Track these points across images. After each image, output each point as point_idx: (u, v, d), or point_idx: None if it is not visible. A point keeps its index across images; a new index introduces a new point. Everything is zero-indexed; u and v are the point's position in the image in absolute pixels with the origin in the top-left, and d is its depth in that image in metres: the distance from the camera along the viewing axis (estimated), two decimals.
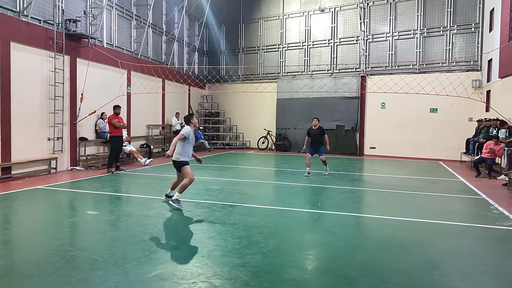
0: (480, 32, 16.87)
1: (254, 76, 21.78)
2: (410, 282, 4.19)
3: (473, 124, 16.20)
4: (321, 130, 12.10)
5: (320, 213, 7.33)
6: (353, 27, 19.41)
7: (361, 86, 18.79)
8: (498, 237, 6.01)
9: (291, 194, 9.29)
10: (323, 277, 4.33)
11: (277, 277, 4.28)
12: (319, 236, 5.95)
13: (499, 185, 10.62)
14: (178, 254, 4.94)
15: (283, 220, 6.82)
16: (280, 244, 5.40)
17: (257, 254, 4.96)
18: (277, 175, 12.68)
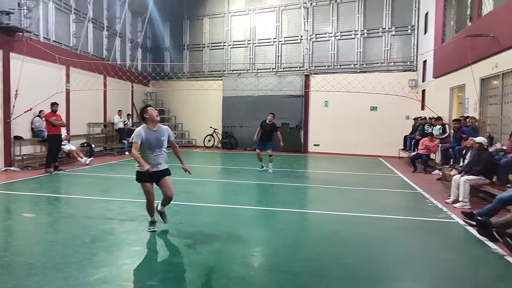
0: (416, 34, 17.76)
1: (199, 74, 21.58)
2: (350, 275, 4.35)
3: (410, 122, 17.03)
4: (273, 126, 12.37)
5: (266, 210, 7.40)
6: (297, 27, 19.75)
7: (305, 84, 19.16)
8: (433, 229, 6.38)
9: (237, 192, 9.32)
10: (269, 274, 4.38)
11: (224, 275, 4.28)
12: (265, 233, 6.01)
13: (434, 179, 11.25)
14: (122, 256, 4.80)
15: (229, 218, 6.83)
16: (227, 242, 5.40)
17: (203, 253, 4.93)
18: (223, 173, 12.67)
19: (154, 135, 5.49)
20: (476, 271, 4.58)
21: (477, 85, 10.26)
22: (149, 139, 5.42)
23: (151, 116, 5.54)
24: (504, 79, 9.28)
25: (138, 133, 5.43)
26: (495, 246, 5.24)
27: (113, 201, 7.83)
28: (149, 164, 5.39)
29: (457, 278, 4.34)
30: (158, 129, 5.58)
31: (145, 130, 5.47)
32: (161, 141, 5.53)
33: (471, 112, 11.11)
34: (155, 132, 5.52)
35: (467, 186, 7.65)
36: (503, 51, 9.10)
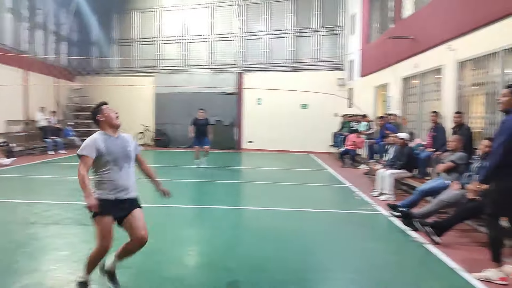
0: (343, 34, 18.47)
1: (129, 69, 20.85)
2: (285, 268, 4.44)
3: (338, 119, 17.69)
4: (207, 121, 12.63)
5: (201, 208, 7.35)
6: (230, 24, 19.75)
7: (238, 82, 19.24)
8: (360, 221, 6.69)
9: (171, 191, 9.13)
10: (205, 271, 4.36)
11: (158, 276, 4.18)
12: (199, 231, 5.96)
13: (361, 173, 11.79)
14: (47, 262, 4.52)
15: (162, 218, 6.69)
16: (160, 242, 5.28)
17: (135, 255, 4.78)
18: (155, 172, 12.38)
19: (118, 144, 3.69)
20: (400, 259, 4.89)
21: (399, 84, 10.89)
22: (111, 149, 3.61)
23: (108, 118, 3.74)
24: (423, 78, 9.94)
25: (92, 143, 3.56)
26: (417, 235, 5.60)
27: (37, 204, 7.34)
28: (115, 188, 3.62)
29: (382, 266, 4.59)
30: (120, 136, 3.80)
31: (103, 137, 3.64)
32: (128, 152, 3.78)
33: (394, 109, 11.78)
34: (118, 140, 3.73)
35: (391, 180, 8.10)
36: (422, 52, 9.74)
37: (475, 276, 4.11)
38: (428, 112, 9.17)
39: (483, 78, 7.25)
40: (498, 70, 6.68)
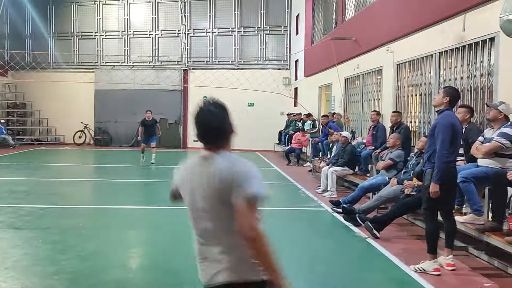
0: (288, 34, 18.74)
1: (67, 65, 19.87)
2: None
3: (284, 118, 17.92)
4: (154, 121, 13.23)
5: (144, 209, 7.16)
6: (174, 21, 19.39)
7: (183, 79, 18.95)
8: (305, 217, 6.82)
9: (113, 192, 8.85)
10: (149, 274, 4.24)
11: (99, 280, 4.01)
12: (143, 232, 5.80)
13: (306, 171, 12.03)
14: None
15: (103, 220, 6.43)
16: (101, 245, 5.07)
17: (74, 259, 4.56)
18: (96, 172, 11.94)
19: None
20: (342, 253, 5.04)
21: (341, 84, 11.21)
22: None
23: None
24: (364, 79, 10.29)
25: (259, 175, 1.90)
26: (358, 230, 5.78)
27: None
28: None
29: (326, 260, 4.72)
30: None
31: None
32: None
33: (337, 108, 12.12)
34: None
35: (334, 177, 8.31)
36: (363, 53, 10.08)
37: (412, 268, 4.30)
38: (369, 111, 9.49)
39: (419, 80, 7.62)
40: (433, 72, 7.04)
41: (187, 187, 1.93)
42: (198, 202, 1.86)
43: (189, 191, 1.91)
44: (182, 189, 1.98)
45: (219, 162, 1.87)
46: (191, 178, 1.91)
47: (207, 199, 1.83)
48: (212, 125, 1.99)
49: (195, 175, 1.90)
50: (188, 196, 1.92)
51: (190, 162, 2.01)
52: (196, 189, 1.87)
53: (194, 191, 1.88)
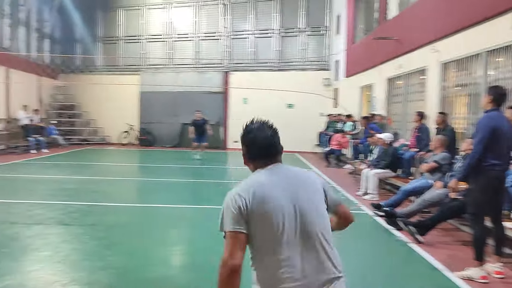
0: (329, 34, 18.57)
1: (114, 68, 20.61)
2: None
3: (324, 119, 17.76)
4: (204, 120, 13.91)
5: (188, 208, 7.31)
6: (216, 23, 19.68)
7: (224, 81, 19.19)
8: None
9: (155, 190, 9.08)
10: (191, 272, 4.33)
11: (142, 276, 4.14)
12: (186, 230, 5.93)
13: (346, 173, 11.87)
14: (28, 263, 4.44)
15: (146, 218, 6.63)
16: (144, 243, 5.23)
17: (119, 255, 4.73)
18: (140, 171, 12.30)
19: None
20: (383, 257, 4.93)
21: (384, 85, 10.99)
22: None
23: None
24: (407, 79, 10.04)
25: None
26: (400, 234, 5.65)
27: (18, 204, 7.21)
28: None
29: (367, 265, 4.63)
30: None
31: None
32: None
33: (378, 109, 11.88)
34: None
35: (375, 179, 8.16)
36: (406, 53, 9.84)
37: (457, 274, 4.16)
38: (412, 112, 9.26)
39: (466, 79, 7.35)
40: (481, 72, 6.78)
41: (281, 200, 1.85)
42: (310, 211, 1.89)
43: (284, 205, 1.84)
44: (269, 209, 1.82)
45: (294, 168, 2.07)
46: (284, 186, 1.90)
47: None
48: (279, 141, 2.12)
49: (288, 181, 1.93)
50: (283, 211, 1.83)
51: (267, 178, 1.94)
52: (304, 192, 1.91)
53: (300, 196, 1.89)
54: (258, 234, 1.82)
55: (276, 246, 1.79)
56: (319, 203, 1.92)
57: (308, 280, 1.80)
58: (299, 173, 2.01)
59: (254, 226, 1.81)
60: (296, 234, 1.82)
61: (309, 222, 1.85)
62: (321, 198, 1.94)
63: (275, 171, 1.96)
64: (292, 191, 1.87)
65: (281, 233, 1.79)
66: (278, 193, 1.85)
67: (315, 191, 1.94)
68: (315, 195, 1.92)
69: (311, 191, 1.93)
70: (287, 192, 1.86)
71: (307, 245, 1.84)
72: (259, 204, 1.81)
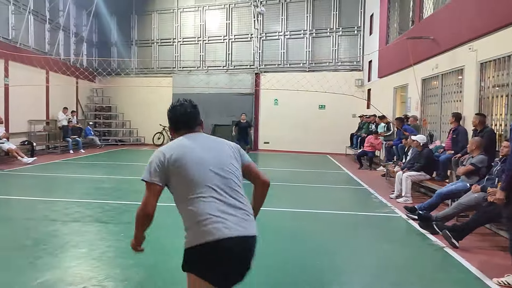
0: (362, 35, 18.33)
1: (148, 70, 21.08)
2: (299, 268, 4.43)
3: (356, 120, 17.56)
4: (248, 123, 14.58)
5: None
6: (247, 25, 19.79)
7: (255, 83, 19.26)
8: (377, 223, 6.63)
9: None
10: None
11: (172, 276, 4.21)
12: None
13: (379, 175, 11.69)
14: (66, 259, 4.61)
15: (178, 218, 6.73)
16: (176, 242, 5.31)
17: (151, 254, 4.83)
18: None
19: (210, 156, 2.37)
20: (417, 262, 4.82)
21: (418, 85, 10.75)
22: (196, 168, 2.28)
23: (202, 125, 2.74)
24: (443, 79, 9.79)
25: (166, 151, 2.35)
26: (435, 239, 5.52)
27: (57, 202, 7.49)
28: (202, 222, 2.24)
29: (399, 269, 4.55)
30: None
31: (187, 147, 2.35)
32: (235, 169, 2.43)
33: (413, 111, 11.64)
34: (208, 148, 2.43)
35: (409, 182, 8.01)
36: (442, 53, 9.60)
37: (495, 281, 4.03)
38: (448, 113, 9.03)
39: (506, 79, 7.11)
40: None
41: (199, 155, 2.29)
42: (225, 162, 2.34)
43: (203, 158, 2.29)
44: (187, 162, 2.25)
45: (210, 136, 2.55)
46: (203, 146, 2.36)
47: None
48: (198, 117, 2.58)
49: (206, 142, 2.41)
50: (203, 163, 2.27)
51: (186, 141, 2.38)
52: (218, 151, 2.38)
53: (216, 153, 2.36)
54: (179, 186, 2.26)
55: (199, 190, 2.20)
56: (233, 162, 2.37)
57: (226, 216, 2.19)
58: (217, 140, 2.48)
59: (176, 179, 2.25)
60: (212, 186, 2.22)
61: (223, 177, 2.27)
62: (234, 158, 2.40)
63: (195, 137, 2.39)
64: (209, 152, 2.32)
65: (199, 185, 2.21)
66: (196, 153, 2.28)
67: (229, 152, 2.40)
68: (229, 156, 2.38)
69: (226, 153, 2.38)
70: (205, 153, 2.30)
71: (224, 190, 2.25)
72: (180, 161, 2.23)
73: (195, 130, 2.49)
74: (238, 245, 2.18)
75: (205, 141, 2.41)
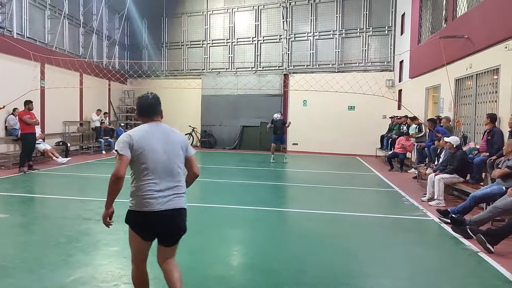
0: (392, 34, 18.03)
1: (178, 72, 21.39)
2: (328, 271, 4.39)
3: (386, 121, 17.27)
4: (283, 121, 14.52)
5: (244, 209, 7.40)
6: (276, 26, 19.79)
7: (284, 84, 19.23)
8: (409, 226, 6.49)
9: (216, 191, 9.29)
10: (249, 272, 4.38)
11: (202, 274, 4.26)
12: (244, 231, 6.01)
13: (410, 178, 11.45)
14: (99, 257, 4.73)
15: (207, 217, 6.80)
16: (205, 241, 5.37)
17: (181, 253, 4.88)
18: (202, 172, 12.60)
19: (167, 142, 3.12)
20: (450, 267, 4.69)
21: (452, 85, 10.48)
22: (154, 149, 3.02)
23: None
24: (477, 79, 9.50)
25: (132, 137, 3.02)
26: (469, 243, 5.36)
27: (90, 201, 7.70)
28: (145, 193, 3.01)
29: (431, 273, 4.43)
30: None
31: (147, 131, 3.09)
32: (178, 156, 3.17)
33: (446, 111, 11.35)
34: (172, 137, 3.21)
35: (441, 184, 7.81)
36: (476, 52, 9.32)
37: None
38: (483, 114, 8.76)
39: None
40: None
41: (154, 143, 2.99)
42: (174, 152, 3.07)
43: (156, 146, 2.99)
44: (144, 148, 2.95)
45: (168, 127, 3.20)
46: (158, 137, 3.04)
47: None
48: (159, 107, 3.26)
49: (162, 134, 3.08)
50: (155, 150, 2.97)
51: (147, 128, 3.09)
52: (170, 143, 3.07)
53: (167, 145, 3.05)
54: (135, 164, 2.96)
55: (146, 172, 2.94)
56: (178, 150, 3.09)
57: (162, 194, 2.97)
58: (170, 130, 3.15)
59: (134, 158, 2.94)
60: (160, 166, 2.96)
61: (169, 160, 3.01)
62: (180, 147, 3.11)
63: (153, 126, 3.09)
64: (162, 140, 3.02)
65: (150, 165, 2.94)
66: (152, 139, 2.99)
67: (177, 141, 3.11)
68: (176, 144, 3.09)
69: (175, 141, 3.09)
70: (159, 140, 3.01)
71: (166, 174, 2.99)
72: (139, 144, 2.93)
73: (154, 119, 3.17)
74: (164, 216, 3.01)
75: (162, 131, 3.10)
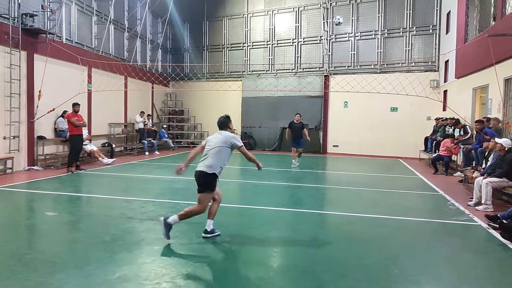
0: (437, 34, 17.48)
1: (219, 74, 21.69)
2: (370, 276, 4.31)
3: (431, 123, 16.76)
4: (302, 124, 13.73)
5: (284, 211, 7.40)
6: (317, 27, 19.66)
7: (324, 85, 19.07)
8: (454, 231, 6.27)
9: (256, 193, 9.34)
10: (288, 274, 4.38)
11: (242, 275, 4.29)
12: (284, 233, 6.01)
13: (456, 181, 11.05)
14: (141, 255, 4.87)
15: (247, 218, 6.85)
16: (245, 242, 5.42)
17: (222, 253, 4.97)
18: (242, 174, 12.70)
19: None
20: (498, 274, 4.49)
21: (500, 86, 10.05)
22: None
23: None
24: None
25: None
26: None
27: (133, 201, 7.94)
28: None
29: (478, 280, 4.27)
30: None
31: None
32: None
33: (494, 113, 10.88)
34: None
35: (489, 188, 7.50)
36: None
37: None
38: None
39: None
40: None
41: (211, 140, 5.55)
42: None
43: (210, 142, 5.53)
44: (207, 143, 5.56)
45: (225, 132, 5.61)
46: (212, 138, 5.56)
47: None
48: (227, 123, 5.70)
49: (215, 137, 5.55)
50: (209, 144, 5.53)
51: (215, 134, 5.59)
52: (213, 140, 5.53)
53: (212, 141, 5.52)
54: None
55: (205, 152, 5.50)
56: (221, 144, 5.41)
57: (204, 163, 5.41)
58: (225, 133, 5.54)
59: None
60: (210, 150, 5.43)
61: (209, 149, 5.45)
62: (224, 142, 5.43)
63: (220, 132, 5.59)
64: (218, 137, 5.50)
65: (207, 149, 5.47)
66: (214, 138, 5.54)
67: (224, 139, 5.44)
68: (221, 141, 5.43)
69: (222, 139, 5.45)
70: (217, 138, 5.50)
71: (206, 156, 5.45)
72: (207, 141, 5.66)
73: (221, 129, 5.67)
74: (197, 173, 5.51)
75: (220, 134, 5.56)
